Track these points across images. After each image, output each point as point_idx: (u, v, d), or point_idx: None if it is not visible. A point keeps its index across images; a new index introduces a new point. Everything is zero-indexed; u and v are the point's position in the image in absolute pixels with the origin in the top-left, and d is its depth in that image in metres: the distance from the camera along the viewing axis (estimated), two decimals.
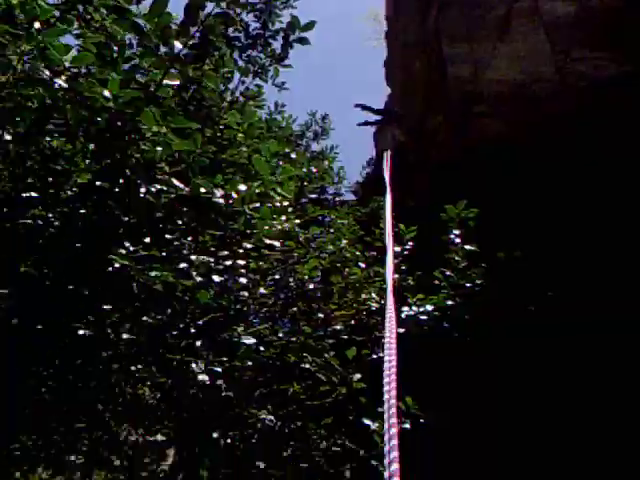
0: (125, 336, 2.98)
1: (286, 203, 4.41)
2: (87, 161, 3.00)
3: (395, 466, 1.27)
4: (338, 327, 5.28)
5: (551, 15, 10.65)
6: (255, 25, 5.64)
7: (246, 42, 5.41)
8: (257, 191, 3.87)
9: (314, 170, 6.80)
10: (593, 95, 9.50)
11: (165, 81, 2.95)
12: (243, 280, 4.07)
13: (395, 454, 1.30)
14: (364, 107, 11.08)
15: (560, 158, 9.05)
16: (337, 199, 9.74)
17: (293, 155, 5.77)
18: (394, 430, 1.38)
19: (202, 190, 3.43)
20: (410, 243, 6.22)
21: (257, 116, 4.30)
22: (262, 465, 4.24)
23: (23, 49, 2.59)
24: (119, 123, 2.80)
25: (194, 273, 3.52)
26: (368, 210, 8.91)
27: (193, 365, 3.30)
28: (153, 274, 3.01)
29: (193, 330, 3.45)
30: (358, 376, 4.33)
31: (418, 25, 15.03)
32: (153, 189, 3.05)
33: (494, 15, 11.67)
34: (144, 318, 3.09)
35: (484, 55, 11.79)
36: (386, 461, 1.31)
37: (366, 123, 11.67)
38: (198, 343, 3.44)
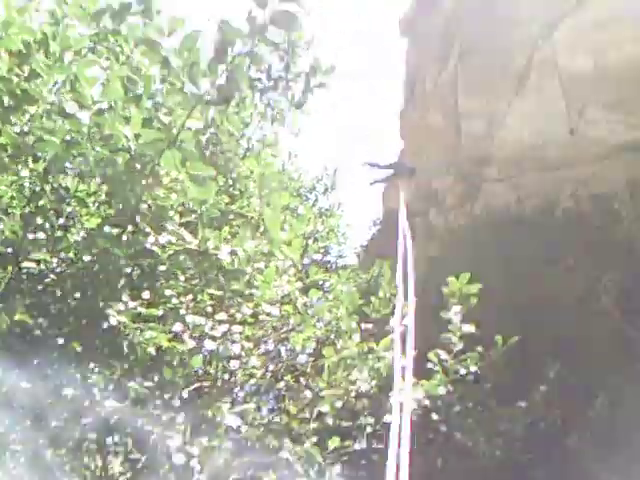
0: (108, 403, 2.87)
1: (289, 263, 4.41)
2: (98, 204, 2.96)
3: None
4: (324, 409, 5.21)
5: (569, 69, 10.89)
6: (277, 66, 5.74)
7: (268, 84, 5.47)
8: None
9: (320, 228, 6.81)
10: (607, 162, 9.70)
11: (188, 122, 2.95)
12: (236, 348, 4.01)
13: None
14: (373, 165, 11.20)
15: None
16: (340, 261, 9.75)
17: (301, 209, 5.78)
18: None
19: (210, 245, 3.42)
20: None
21: (273, 167, 4.32)
22: None
23: (54, 80, 2.58)
24: (138, 165, 2.77)
25: (187, 336, 3.49)
26: (369, 276, 8.89)
27: (170, 442, 3.20)
28: (148, 335, 2.95)
29: (177, 403, 3.37)
30: (337, 470, 4.30)
31: (436, 75, 15.41)
32: (162, 240, 3.00)
33: (513, 65, 12.01)
34: (130, 384, 2.99)
35: (499, 110, 12.07)
36: None
37: (377, 182, 11.80)
38: (180, 419, 3.36)
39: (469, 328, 5.71)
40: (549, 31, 11.15)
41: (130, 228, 3.01)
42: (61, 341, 2.91)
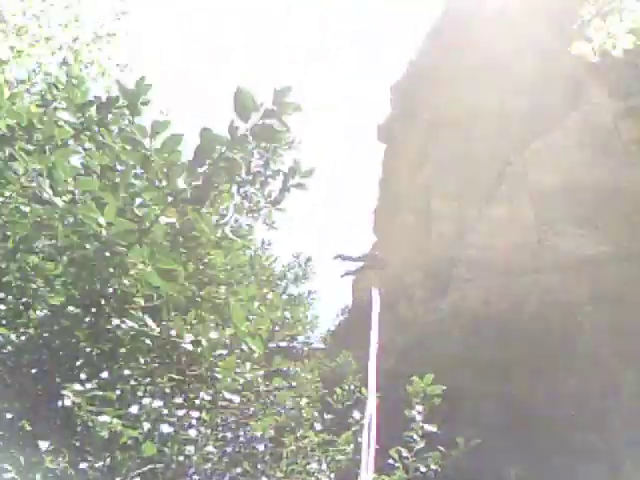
0: None
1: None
2: (63, 283, 3.05)
3: None
4: None
5: (538, 184, 11.43)
6: (256, 161, 5.98)
7: (246, 177, 5.69)
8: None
9: (288, 315, 6.90)
10: (573, 273, 9.99)
11: (162, 217, 3.09)
12: (192, 433, 4.00)
13: None
14: (344, 257, 11.45)
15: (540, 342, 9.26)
16: (306, 348, 9.78)
17: (269, 296, 5.87)
18: None
19: (172, 333, 3.48)
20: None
21: (243, 260, 4.44)
22: None
23: (32, 167, 2.73)
24: (107, 254, 2.89)
25: (143, 419, 3.49)
26: (335, 365, 8.94)
27: None
28: (102, 419, 2.96)
29: None
30: None
31: (411, 178, 16.04)
32: (124, 325, 3.08)
33: (485, 176, 12.59)
34: (81, 466, 2.98)
35: (469, 215, 12.54)
36: None
37: (349, 273, 12.02)
38: None
39: (431, 428, 5.73)
40: (521, 148, 11.84)
41: (93, 310, 3.09)
42: (9, 416, 2.90)
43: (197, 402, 4.05)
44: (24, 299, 3.03)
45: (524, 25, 13.08)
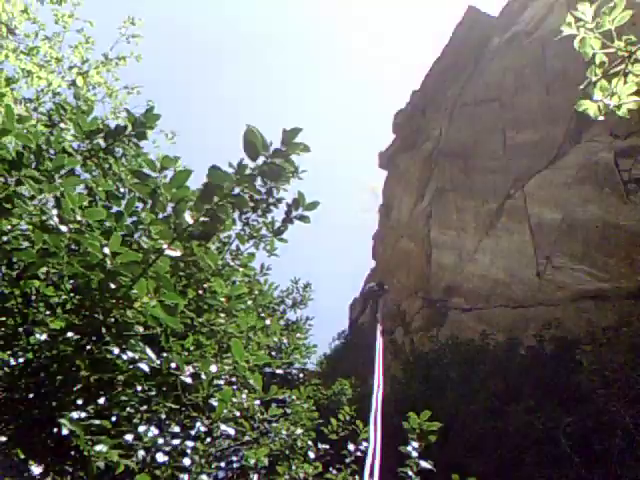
0: None
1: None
2: (64, 309, 3.05)
3: None
4: None
5: (538, 218, 11.49)
6: (260, 188, 6.00)
7: (249, 205, 5.70)
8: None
9: (285, 341, 6.90)
10: (571, 308, 9.99)
11: (167, 251, 3.09)
12: (187, 462, 3.97)
13: None
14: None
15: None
16: (302, 374, 9.75)
17: (268, 322, 5.88)
18: None
19: (172, 365, 3.48)
20: (365, 444, 6.22)
21: (243, 289, 4.44)
22: None
23: (39, 194, 2.74)
24: (112, 285, 2.89)
25: (139, 447, 3.48)
26: (330, 393, 8.90)
27: None
28: (98, 448, 2.95)
29: None
30: None
31: (412, 206, 16.10)
32: (124, 356, 3.07)
33: (485, 208, 12.65)
34: None
35: (469, 246, 12.57)
36: None
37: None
38: None
39: (427, 465, 5.70)
40: (521, 183, 11.92)
41: (94, 338, 3.08)
42: (3, 439, 2.89)
43: (192, 432, 4.03)
44: (25, 325, 3.02)
45: (530, 59, 13.23)
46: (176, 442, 3.82)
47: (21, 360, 3.20)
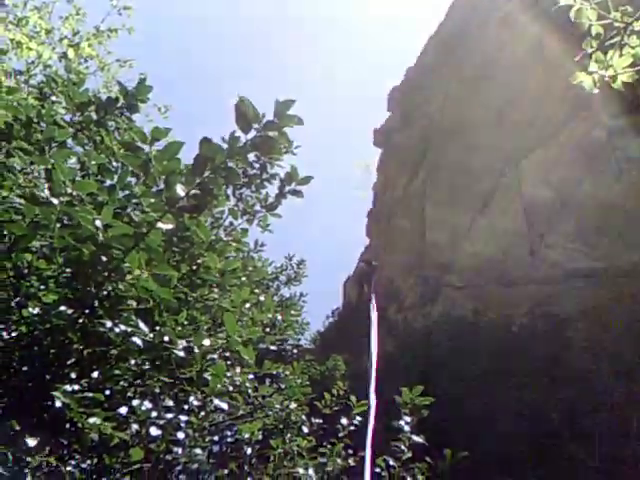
0: None
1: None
2: (57, 282, 3.04)
3: None
4: None
5: (532, 197, 11.48)
6: (254, 164, 5.96)
7: (242, 180, 5.69)
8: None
9: (280, 318, 6.91)
10: (563, 286, 10.03)
11: (159, 224, 3.07)
12: (180, 436, 4.00)
13: None
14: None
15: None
16: (296, 350, 9.81)
17: (262, 298, 5.88)
18: None
19: (165, 338, 3.49)
20: (359, 418, 6.27)
21: (237, 264, 4.43)
22: None
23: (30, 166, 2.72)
24: (104, 258, 2.88)
25: (132, 420, 3.50)
26: (324, 369, 8.95)
27: None
28: (92, 421, 2.97)
29: None
30: None
31: (406, 183, 16.08)
32: (117, 329, 3.07)
33: (479, 186, 12.64)
34: (69, 469, 2.98)
35: (463, 223, 12.59)
36: None
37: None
38: None
39: (419, 439, 5.74)
40: (515, 161, 11.88)
41: (86, 311, 3.08)
42: None
43: (186, 407, 4.06)
44: (17, 298, 3.02)
45: (527, 36, 13.12)
46: (170, 416, 3.85)
47: (14, 334, 3.21)
